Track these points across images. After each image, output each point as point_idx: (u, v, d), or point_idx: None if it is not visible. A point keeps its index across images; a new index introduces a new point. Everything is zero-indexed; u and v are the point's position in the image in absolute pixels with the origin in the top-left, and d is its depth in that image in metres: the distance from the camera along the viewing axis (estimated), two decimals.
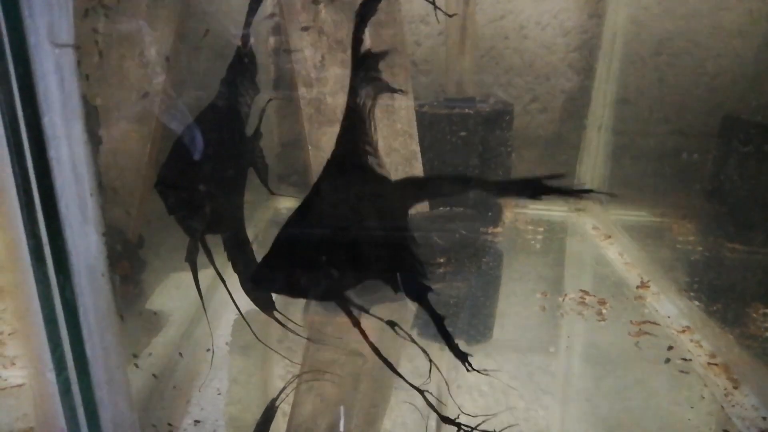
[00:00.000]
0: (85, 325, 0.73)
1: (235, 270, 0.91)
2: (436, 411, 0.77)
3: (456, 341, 1.21)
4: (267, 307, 0.93)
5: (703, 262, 1.48)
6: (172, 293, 1.26)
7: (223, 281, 0.90)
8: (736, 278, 1.40)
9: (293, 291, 0.72)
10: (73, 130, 0.65)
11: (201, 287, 1.25)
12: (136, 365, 1.02)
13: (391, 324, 0.78)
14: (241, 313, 0.93)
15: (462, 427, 0.76)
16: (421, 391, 0.76)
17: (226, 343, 1.16)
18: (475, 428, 0.76)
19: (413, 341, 0.80)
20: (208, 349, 1.06)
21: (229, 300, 1.23)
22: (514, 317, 1.27)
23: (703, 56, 1.80)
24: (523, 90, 1.91)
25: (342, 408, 1.02)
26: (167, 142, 1.41)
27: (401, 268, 0.74)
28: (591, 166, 1.84)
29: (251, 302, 0.96)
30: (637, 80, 1.84)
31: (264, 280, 0.70)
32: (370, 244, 0.72)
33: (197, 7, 1.39)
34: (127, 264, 1.26)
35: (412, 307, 1.33)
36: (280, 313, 0.93)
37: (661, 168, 1.75)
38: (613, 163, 1.83)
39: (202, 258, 0.93)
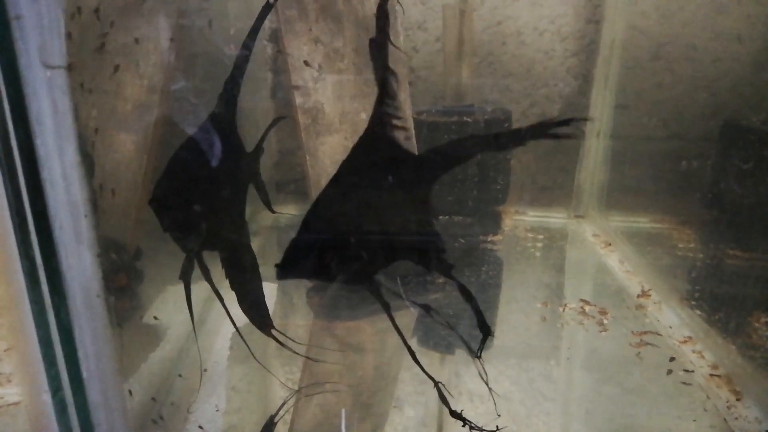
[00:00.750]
0: (81, 346, 0.72)
1: (233, 288, 0.90)
2: (446, 404, 0.77)
3: (455, 352, 1.21)
4: (264, 325, 0.92)
5: (704, 269, 1.47)
6: (170, 306, 1.25)
7: (221, 299, 0.89)
8: (737, 286, 1.39)
9: (321, 275, 0.72)
10: (66, 151, 0.64)
11: (200, 298, 1.25)
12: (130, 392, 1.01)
13: (427, 308, 0.78)
14: (238, 331, 0.92)
15: (467, 422, 0.77)
16: (435, 382, 0.77)
17: (228, 348, 1.15)
18: (475, 426, 0.76)
19: (450, 327, 0.81)
20: (206, 370, 1.05)
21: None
22: (514, 328, 1.26)
23: (702, 61, 1.79)
24: (521, 96, 1.90)
25: (343, 419, 1.01)
26: (165, 152, 1.41)
27: (427, 244, 0.74)
28: (590, 172, 1.83)
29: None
30: (636, 85, 1.83)
31: (291, 265, 0.69)
32: (397, 222, 0.73)
33: (191, 16, 1.38)
34: (124, 276, 1.25)
35: (413, 314, 1.33)
36: (278, 330, 0.92)
37: (660, 174, 1.75)
38: (612, 168, 1.82)
39: (197, 272, 0.92)
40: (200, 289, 1.30)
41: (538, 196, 1.89)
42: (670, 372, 1.06)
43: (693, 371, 1.06)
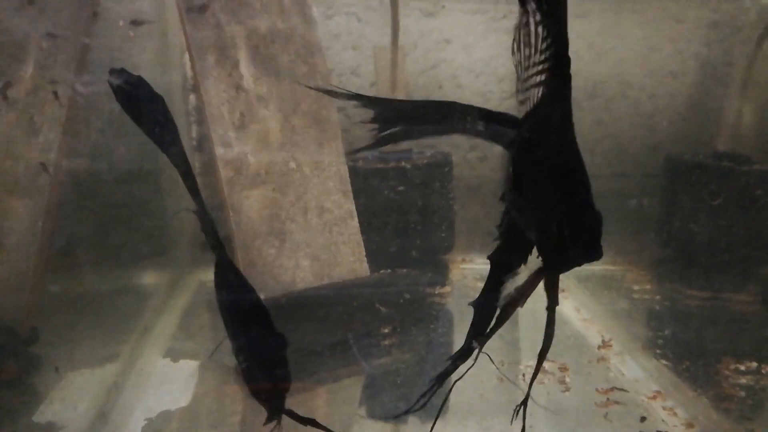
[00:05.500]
0: None
1: None
2: None
3: (407, 421, 1.08)
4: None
5: (664, 313, 1.39)
6: (71, 397, 1.06)
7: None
8: (699, 330, 1.31)
9: None
10: None
11: (103, 387, 1.07)
12: None
13: None
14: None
15: None
16: None
17: None
18: None
19: None
20: None
21: (137, 401, 1.05)
22: (468, 392, 1.13)
23: (638, 98, 1.79)
24: (461, 139, 1.84)
25: None
26: (65, 215, 1.25)
27: None
28: None
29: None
30: (576, 124, 1.80)
31: None
32: None
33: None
34: (13, 366, 1.06)
35: (359, 382, 1.19)
36: None
37: (607, 213, 1.69)
38: None
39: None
40: (102, 375, 1.13)
41: (485, 242, 1.80)
42: None
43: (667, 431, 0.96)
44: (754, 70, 1.53)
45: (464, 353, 0.74)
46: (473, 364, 0.76)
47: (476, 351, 0.76)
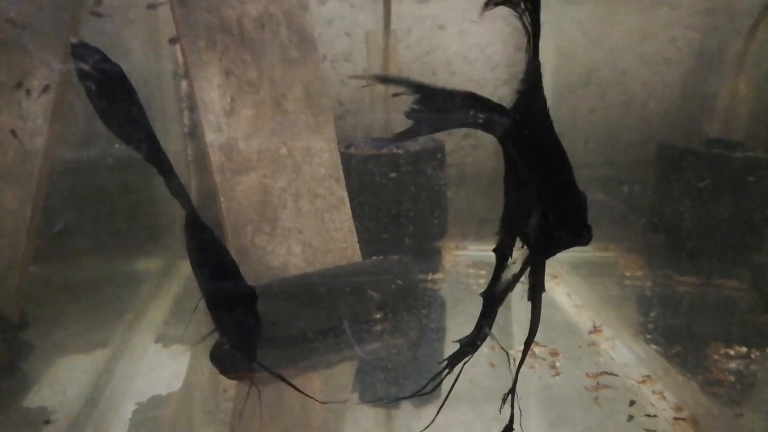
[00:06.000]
0: None
1: None
2: None
3: (400, 405, 1.08)
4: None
5: (655, 299, 1.40)
6: (61, 382, 1.06)
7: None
8: (690, 315, 1.32)
9: None
10: None
11: (92, 373, 1.07)
12: None
13: None
14: None
15: None
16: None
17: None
18: None
19: None
20: None
21: (128, 386, 1.05)
22: (462, 376, 1.13)
23: (632, 85, 1.78)
24: None
25: None
26: (53, 202, 1.24)
27: None
28: None
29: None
30: (569, 112, 1.80)
31: None
32: None
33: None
34: (3, 352, 1.06)
35: (352, 368, 1.19)
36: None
37: (601, 200, 1.70)
38: None
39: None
40: (93, 360, 1.12)
41: (478, 228, 1.80)
42: (631, 418, 0.96)
43: (656, 415, 0.96)
44: (747, 57, 1.53)
45: (476, 338, 0.74)
46: (477, 349, 0.76)
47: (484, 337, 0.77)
